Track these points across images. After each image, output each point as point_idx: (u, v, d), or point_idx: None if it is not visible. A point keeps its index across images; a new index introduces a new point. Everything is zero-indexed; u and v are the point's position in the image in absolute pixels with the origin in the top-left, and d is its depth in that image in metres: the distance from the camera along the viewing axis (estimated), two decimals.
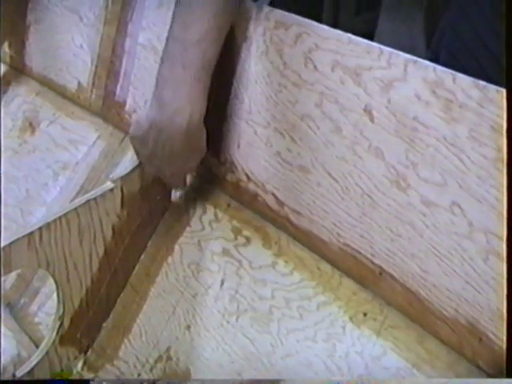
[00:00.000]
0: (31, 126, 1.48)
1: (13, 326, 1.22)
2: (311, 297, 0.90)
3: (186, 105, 0.95)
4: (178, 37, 0.94)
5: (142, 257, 1.11)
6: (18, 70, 1.61)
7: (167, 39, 0.96)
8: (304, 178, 0.94)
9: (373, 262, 0.86)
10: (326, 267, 0.91)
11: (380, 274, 0.85)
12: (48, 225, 0.99)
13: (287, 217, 0.97)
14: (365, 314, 0.85)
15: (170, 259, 1.08)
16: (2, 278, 1.01)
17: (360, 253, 0.87)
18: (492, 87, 0.73)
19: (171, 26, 0.95)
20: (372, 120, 0.85)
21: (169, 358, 1.01)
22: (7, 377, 1.05)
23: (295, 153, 0.95)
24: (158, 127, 0.96)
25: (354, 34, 0.89)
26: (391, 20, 1.96)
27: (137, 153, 1.02)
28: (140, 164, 1.04)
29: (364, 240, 0.86)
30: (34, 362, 1.04)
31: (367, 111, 0.85)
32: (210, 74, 0.97)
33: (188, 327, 1.01)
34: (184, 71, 0.94)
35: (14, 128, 1.51)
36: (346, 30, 0.91)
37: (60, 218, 1.00)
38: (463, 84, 0.75)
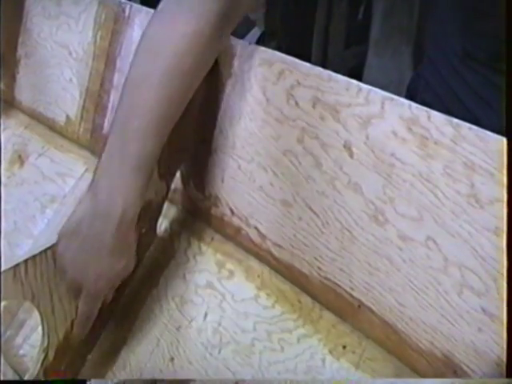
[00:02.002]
0: (20, 158, 1.50)
1: None
2: (292, 329, 0.92)
3: (120, 199, 0.92)
4: (117, 129, 0.93)
5: (127, 290, 1.12)
6: (8, 102, 1.64)
7: (109, 132, 0.95)
8: (286, 212, 0.96)
9: (352, 296, 0.88)
10: (306, 300, 0.93)
11: (359, 307, 0.87)
12: (34, 257, 1.01)
13: (269, 250, 0.99)
14: (344, 347, 0.87)
15: (154, 291, 1.10)
16: None
17: (339, 286, 0.89)
18: (465, 125, 0.76)
19: (113, 118, 0.94)
20: (351, 156, 0.87)
21: None
22: None
23: (277, 187, 0.98)
24: (90, 219, 0.94)
25: (344, 67, 0.92)
26: (379, 55, 2.00)
27: (60, 254, 0.99)
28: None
29: (343, 274, 0.89)
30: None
31: (347, 147, 0.88)
32: (151, 167, 0.95)
33: (171, 359, 1.02)
34: (121, 164, 0.92)
35: (3, 161, 1.53)
36: (335, 63, 0.94)
37: (46, 250, 1.02)
38: (437, 121, 0.78)
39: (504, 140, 0.72)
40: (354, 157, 0.87)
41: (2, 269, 0.99)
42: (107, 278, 0.98)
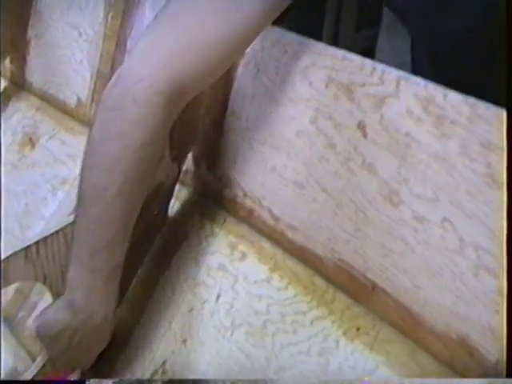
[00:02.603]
0: (31, 141, 1.50)
1: (10, 340, 1.23)
2: (305, 311, 0.91)
3: (99, 308, 0.96)
4: (84, 243, 0.93)
5: (140, 271, 1.12)
6: (19, 85, 1.63)
7: (73, 242, 0.95)
8: (299, 193, 0.95)
9: (366, 277, 0.87)
10: (320, 282, 0.92)
11: (373, 288, 0.86)
12: (45, 239, 1.01)
13: (283, 232, 0.98)
14: (358, 329, 0.86)
15: (166, 274, 1.10)
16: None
17: (354, 268, 0.88)
18: (481, 104, 0.74)
19: (75, 233, 0.94)
20: (365, 136, 0.86)
21: (164, 372, 1.02)
22: None
23: (290, 169, 0.97)
24: (72, 330, 0.95)
25: (355, 50, 0.91)
26: (391, 38, 1.97)
27: (46, 348, 1.00)
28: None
29: (358, 255, 0.88)
30: (31, 376, 1.05)
31: (361, 127, 0.87)
32: (120, 272, 0.97)
33: (184, 341, 1.02)
34: (94, 275, 0.93)
35: (14, 143, 1.53)
36: (346, 45, 0.93)
37: (57, 231, 1.02)
38: (453, 100, 0.77)
39: None
40: (368, 137, 0.86)
41: (13, 250, 0.99)
42: (94, 358, 1.05)
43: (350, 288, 0.89)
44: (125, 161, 0.88)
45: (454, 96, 0.77)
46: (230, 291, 1.00)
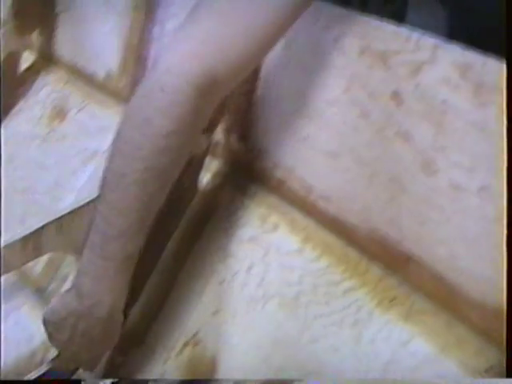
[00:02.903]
0: (60, 114, 1.49)
1: (42, 311, 1.23)
2: (338, 282, 0.90)
3: (107, 297, 0.92)
4: (99, 228, 0.90)
5: (170, 243, 1.11)
6: (47, 58, 1.62)
7: (91, 229, 0.92)
8: (332, 163, 0.94)
9: (401, 247, 0.85)
10: (353, 253, 0.91)
11: (408, 259, 0.85)
12: (77, 210, 1.00)
13: (315, 202, 0.97)
14: (392, 300, 0.85)
15: (197, 246, 1.09)
16: (33, 263, 1.03)
17: (388, 238, 0.87)
18: None
19: (94, 216, 0.91)
20: (400, 104, 0.85)
21: (195, 344, 1.01)
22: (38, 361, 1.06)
23: (323, 138, 0.95)
24: (77, 317, 0.92)
25: (386, 16, 0.89)
26: (419, 12, 1.94)
27: (50, 337, 0.97)
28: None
29: (392, 225, 0.86)
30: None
31: (395, 95, 0.85)
32: (133, 265, 0.93)
33: (215, 313, 1.01)
34: (105, 263, 0.90)
35: (43, 116, 1.52)
36: (378, 12, 0.91)
37: (88, 203, 1.01)
38: (492, 67, 0.75)
39: None
40: (403, 105, 0.85)
41: (46, 221, 0.99)
42: (99, 357, 1.01)
43: (384, 258, 0.88)
44: (147, 149, 0.86)
45: (493, 63, 0.75)
46: (261, 263, 0.99)
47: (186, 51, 0.86)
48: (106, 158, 0.90)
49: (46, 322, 0.95)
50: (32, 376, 1.03)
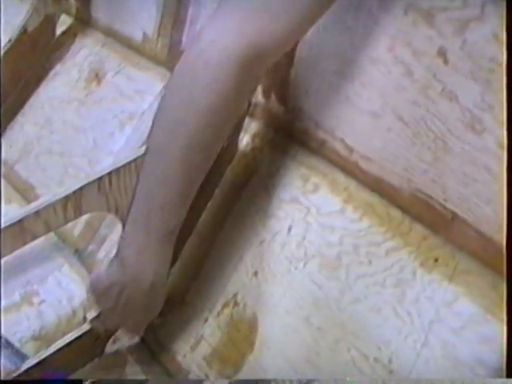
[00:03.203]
0: (97, 76, 1.49)
1: (82, 272, 1.24)
2: (380, 243, 0.89)
3: (149, 269, 0.94)
4: (143, 201, 0.91)
5: (210, 203, 1.12)
6: (84, 21, 1.62)
7: (133, 202, 0.93)
8: (374, 123, 0.93)
9: (445, 207, 0.84)
10: (395, 213, 0.90)
11: (452, 218, 0.83)
12: (117, 170, 1.00)
13: (356, 163, 0.96)
14: (436, 260, 0.84)
15: (237, 207, 1.09)
16: (72, 224, 1.03)
17: (432, 198, 0.86)
18: None
19: (136, 190, 0.93)
20: (446, 62, 0.83)
21: (236, 304, 1.02)
22: (78, 320, 1.07)
23: (365, 98, 0.94)
24: (120, 287, 0.95)
25: None
26: None
27: (95, 302, 1.00)
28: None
29: (436, 185, 0.85)
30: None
31: (441, 53, 0.84)
32: (175, 237, 0.95)
33: (255, 273, 1.01)
34: (147, 236, 0.92)
35: (80, 79, 1.52)
36: None
37: (129, 163, 1.01)
38: None
39: None
40: (449, 63, 0.83)
41: (86, 181, 0.99)
42: (144, 323, 1.05)
43: (428, 218, 0.87)
44: (190, 125, 0.86)
45: None
46: (302, 223, 0.99)
47: (230, 26, 0.85)
48: (150, 129, 0.91)
49: (90, 290, 0.98)
50: (73, 336, 1.04)
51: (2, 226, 0.92)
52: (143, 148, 1.03)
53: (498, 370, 0.72)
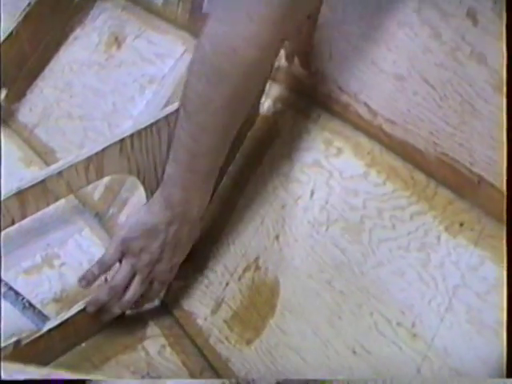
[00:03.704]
0: (117, 40, 1.48)
1: (102, 235, 1.24)
2: (405, 207, 0.88)
3: (194, 205, 0.99)
4: (186, 145, 0.94)
5: (231, 168, 1.11)
6: None
7: (173, 140, 0.95)
8: (399, 86, 0.91)
9: (471, 171, 0.83)
10: (420, 177, 0.89)
11: (479, 182, 0.82)
12: (139, 132, 1.00)
13: (380, 127, 0.94)
14: (461, 224, 0.83)
15: (258, 170, 1.08)
16: (93, 183, 1.03)
17: (458, 161, 0.84)
18: None
19: (177, 133, 0.94)
20: (475, 24, 0.81)
21: (257, 268, 1.01)
22: (99, 282, 1.07)
23: (390, 61, 0.93)
24: (167, 224, 0.98)
25: None
26: None
27: (142, 246, 1.00)
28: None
29: (462, 148, 0.84)
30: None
31: (470, 15, 0.82)
32: (215, 178, 1.00)
33: (277, 237, 1.00)
34: (192, 176, 0.96)
35: (100, 43, 1.51)
36: None
37: (151, 125, 1.00)
38: None
39: None
40: (478, 25, 0.81)
41: (108, 143, 0.98)
42: (177, 265, 1.05)
43: (453, 182, 0.85)
44: (234, 76, 0.88)
45: None
46: (325, 187, 0.98)
47: None
48: (187, 76, 0.92)
49: (128, 239, 0.99)
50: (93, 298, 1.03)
51: (26, 186, 0.92)
52: (164, 111, 1.02)
53: None
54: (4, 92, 1.59)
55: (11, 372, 0.39)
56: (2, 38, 1.52)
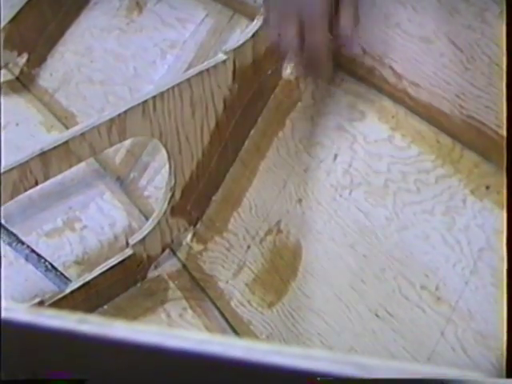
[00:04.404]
0: (138, 5, 1.46)
1: (123, 199, 1.24)
2: (430, 170, 0.87)
3: None
4: None
5: (252, 132, 1.10)
6: None
7: None
8: (425, 49, 0.90)
9: (498, 133, 0.81)
10: (446, 140, 0.87)
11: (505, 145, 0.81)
12: (161, 94, 0.98)
13: (405, 90, 0.93)
14: (487, 187, 0.81)
15: (280, 134, 1.07)
16: (115, 147, 1.02)
17: (484, 124, 0.83)
18: None
19: None
20: None
21: (279, 231, 1.00)
22: (120, 245, 1.07)
23: (416, 23, 0.91)
24: None
25: None
26: None
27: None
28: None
29: (489, 111, 0.82)
30: (146, 232, 1.05)
31: None
32: None
33: (299, 201, 1.00)
34: None
35: (121, 8, 1.49)
36: None
37: (173, 87, 0.99)
38: None
39: None
40: None
41: (131, 105, 0.97)
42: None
43: (480, 145, 0.84)
44: None
45: None
46: (348, 151, 0.97)
47: None
48: None
49: None
50: (115, 261, 1.03)
51: (49, 147, 0.91)
52: (186, 74, 1.01)
53: None
54: (25, 57, 1.58)
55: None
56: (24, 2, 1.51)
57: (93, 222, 1.19)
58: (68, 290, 1.01)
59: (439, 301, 0.80)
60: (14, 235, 1.13)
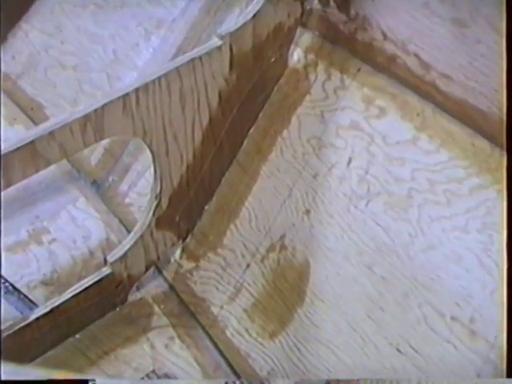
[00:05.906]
0: None
1: (100, 206, 1.23)
2: (462, 179, 0.87)
3: None
4: None
5: (252, 130, 1.10)
6: None
7: None
8: (458, 34, 0.89)
9: None
10: (482, 143, 0.87)
11: None
12: (146, 86, 0.97)
13: (434, 83, 0.92)
14: None
15: (285, 133, 1.06)
16: (89, 151, 1.01)
17: None
18: None
19: None
20: None
21: (283, 248, 1.00)
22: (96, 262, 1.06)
23: (449, 4, 0.90)
24: None
25: None
26: None
27: None
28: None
29: None
30: (128, 246, 1.04)
31: None
32: None
33: (307, 212, 0.99)
34: None
35: None
36: None
37: (159, 78, 0.98)
38: None
39: None
40: None
41: (109, 99, 0.96)
42: None
43: None
44: None
45: None
46: (365, 154, 0.96)
47: None
48: None
49: None
50: (90, 281, 1.03)
51: (11, 148, 0.90)
52: (175, 61, 1.00)
53: None
54: None
55: (9, 373, 0.37)
56: None
57: (64, 235, 1.19)
58: (33, 317, 1.00)
59: (474, 335, 0.80)
60: None
